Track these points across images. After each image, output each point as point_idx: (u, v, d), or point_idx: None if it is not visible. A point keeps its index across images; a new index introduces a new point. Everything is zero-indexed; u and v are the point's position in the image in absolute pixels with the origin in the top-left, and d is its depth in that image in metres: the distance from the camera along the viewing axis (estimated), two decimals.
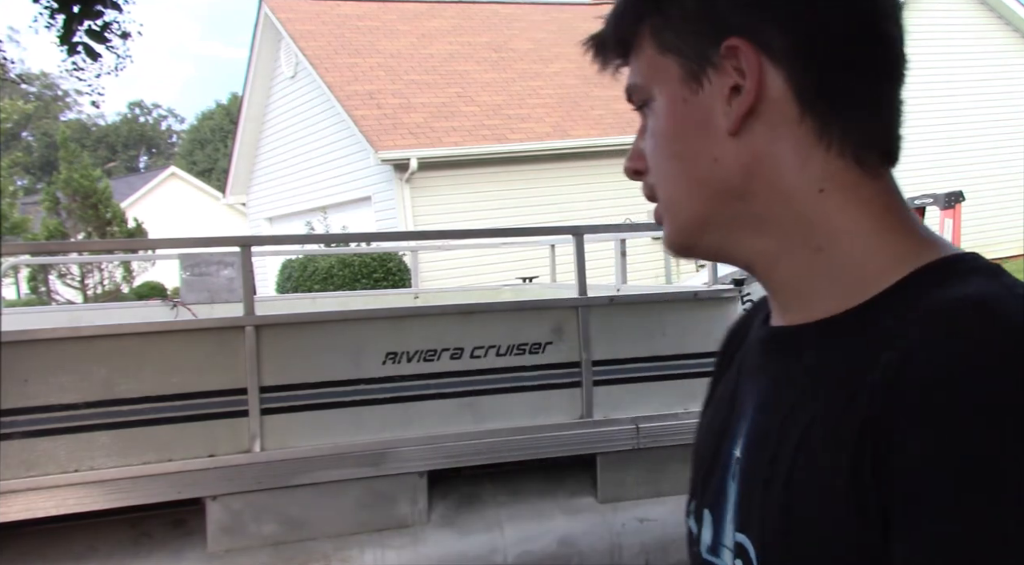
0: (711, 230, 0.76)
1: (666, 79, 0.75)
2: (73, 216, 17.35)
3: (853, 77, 0.72)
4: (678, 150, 0.75)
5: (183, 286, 3.47)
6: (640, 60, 0.77)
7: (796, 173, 0.72)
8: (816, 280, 0.72)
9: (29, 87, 43.73)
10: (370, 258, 12.10)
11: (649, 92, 0.77)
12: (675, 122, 0.75)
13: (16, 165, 34.82)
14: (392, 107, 14.03)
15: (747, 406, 0.78)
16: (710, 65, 0.72)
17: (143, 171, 47.06)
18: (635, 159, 0.80)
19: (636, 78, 0.78)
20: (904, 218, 0.74)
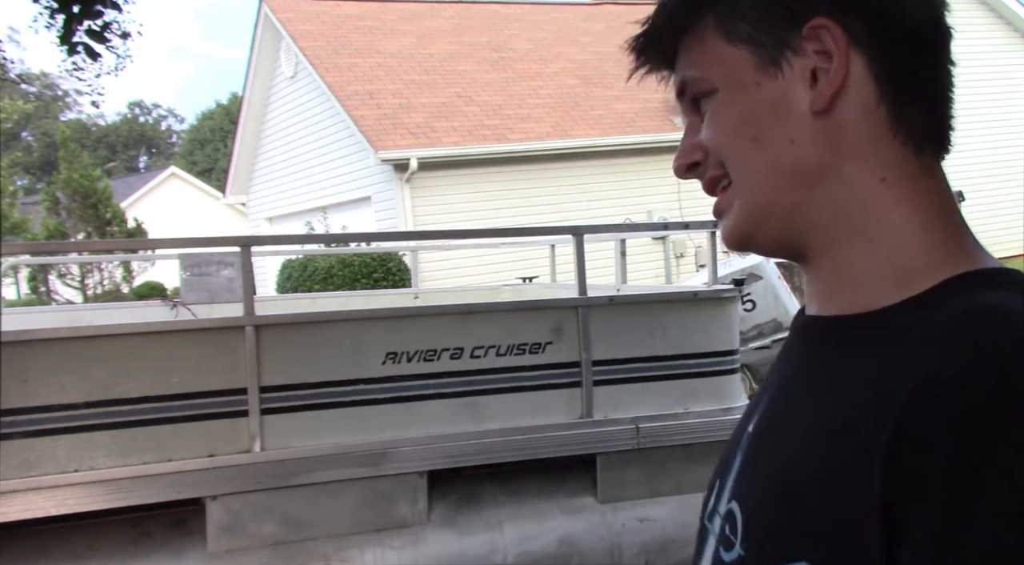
0: (776, 219, 0.75)
1: (737, 69, 0.74)
2: (73, 216, 17.35)
3: (924, 66, 0.74)
4: (751, 133, 0.74)
5: (183, 286, 3.47)
6: (699, 52, 0.76)
7: (865, 159, 0.72)
8: (861, 272, 0.73)
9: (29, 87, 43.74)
10: (370, 258, 12.10)
11: (712, 83, 0.76)
12: (749, 106, 0.74)
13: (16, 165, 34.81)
14: (392, 107, 14.03)
15: (771, 387, 0.82)
16: (789, 49, 0.72)
17: (143, 171, 47.07)
18: (690, 153, 0.79)
19: (693, 71, 0.77)
20: (954, 220, 0.74)
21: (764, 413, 0.80)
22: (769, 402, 0.80)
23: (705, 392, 3.43)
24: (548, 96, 15.15)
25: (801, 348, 0.80)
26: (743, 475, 0.79)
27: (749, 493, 0.76)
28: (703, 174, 0.79)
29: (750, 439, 0.80)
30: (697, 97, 0.78)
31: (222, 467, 2.92)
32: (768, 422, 0.79)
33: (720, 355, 3.48)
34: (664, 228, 5.96)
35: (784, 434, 0.74)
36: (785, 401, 0.78)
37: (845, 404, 0.67)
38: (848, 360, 0.71)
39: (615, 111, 14.87)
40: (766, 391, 0.83)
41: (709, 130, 0.77)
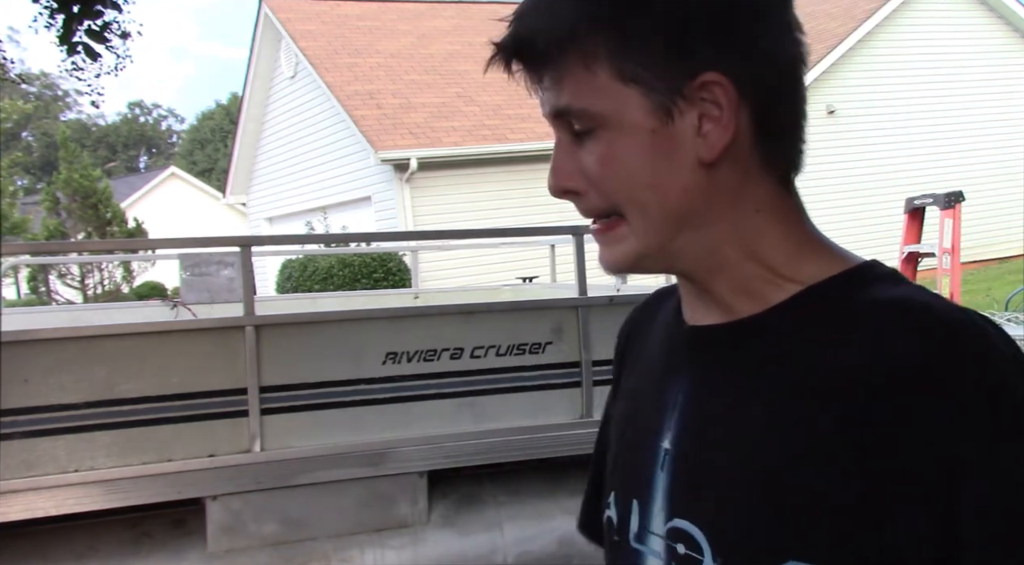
0: (663, 254, 0.79)
1: (628, 109, 0.74)
2: (73, 216, 17.35)
3: (790, 102, 0.78)
4: (649, 181, 0.75)
5: (183, 286, 3.47)
6: (586, 82, 0.75)
7: (744, 199, 0.77)
8: (748, 285, 0.78)
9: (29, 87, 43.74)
10: (370, 258, 12.10)
11: (601, 120, 0.75)
12: (643, 152, 0.75)
13: (16, 165, 34.82)
14: (392, 107, 14.03)
15: (673, 400, 0.82)
16: (680, 97, 0.74)
17: (143, 171, 47.08)
18: (570, 178, 0.78)
19: (580, 101, 0.75)
20: (813, 230, 0.81)
21: (681, 426, 0.80)
22: (684, 414, 0.80)
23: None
24: None
25: (709, 356, 0.80)
26: (682, 492, 0.78)
27: (704, 507, 0.75)
28: (584, 205, 0.79)
29: (675, 455, 0.80)
30: (583, 129, 0.76)
31: (222, 467, 2.92)
32: (694, 435, 0.79)
33: None
34: None
35: (734, 441, 0.74)
36: (712, 408, 0.78)
37: (799, 396, 0.71)
38: (774, 357, 0.75)
39: None
40: (668, 403, 0.82)
41: (600, 169, 0.76)
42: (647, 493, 0.82)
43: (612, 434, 0.94)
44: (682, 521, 0.77)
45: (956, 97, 15.77)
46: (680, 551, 0.76)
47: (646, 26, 0.73)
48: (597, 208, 0.78)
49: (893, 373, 0.66)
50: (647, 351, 0.91)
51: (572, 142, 0.78)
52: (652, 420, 0.83)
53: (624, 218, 0.77)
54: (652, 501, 0.81)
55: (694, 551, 0.75)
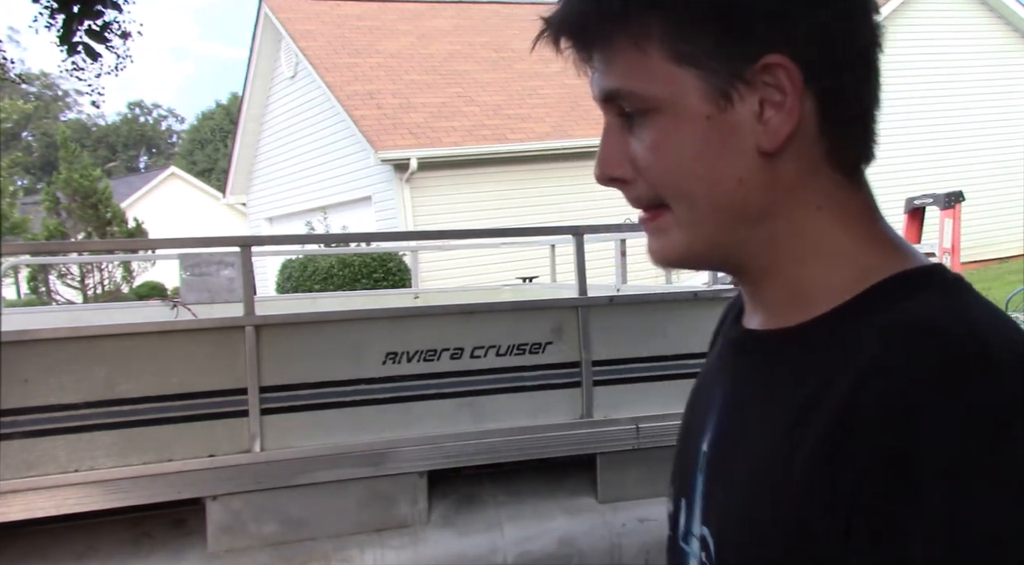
0: (715, 249, 0.75)
1: (682, 93, 0.70)
2: (73, 216, 17.36)
3: (862, 91, 0.72)
4: (701, 172, 0.71)
5: (183, 286, 3.47)
6: (639, 64, 0.71)
7: (805, 193, 0.72)
8: (797, 290, 0.74)
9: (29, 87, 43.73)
10: (370, 258, 12.10)
11: (654, 103, 0.71)
12: (698, 140, 0.70)
13: (16, 165, 34.81)
14: (392, 107, 14.03)
15: (716, 402, 0.80)
16: (741, 81, 0.69)
17: (143, 171, 47.08)
18: (617, 165, 0.74)
19: (631, 83, 0.71)
20: (881, 228, 0.75)
21: (717, 430, 0.79)
22: (720, 417, 0.79)
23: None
24: (548, 96, 15.16)
25: (747, 361, 0.79)
26: (708, 498, 0.78)
27: (714, 519, 0.75)
28: (632, 194, 0.75)
29: (707, 459, 0.79)
30: (632, 111, 0.72)
31: (222, 467, 2.92)
32: (722, 440, 0.78)
33: None
34: None
35: (739, 454, 0.73)
36: (731, 420, 0.77)
37: (787, 418, 0.68)
38: (787, 373, 0.72)
39: None
40: (712, 404, 0.81)
41: (649, 156, 0.72)
42: (691, 494, 0.81)
43: (680, 429, 0.92)
44: (704, 528, 0.76)
45: (956, 97, 15.78)
46: (703, 559, 0.76)
47: (705, 4, 0.68)
48: (645, 198, 0.74)
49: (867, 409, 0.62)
50: (717, 346, 0.90)
51: (622, 127, 0.74)
52: (698, 420, 0.83)
53: (669, 208, 0.73)
54: (694, 503, 0.80)
55: (709, 561, 0.74)
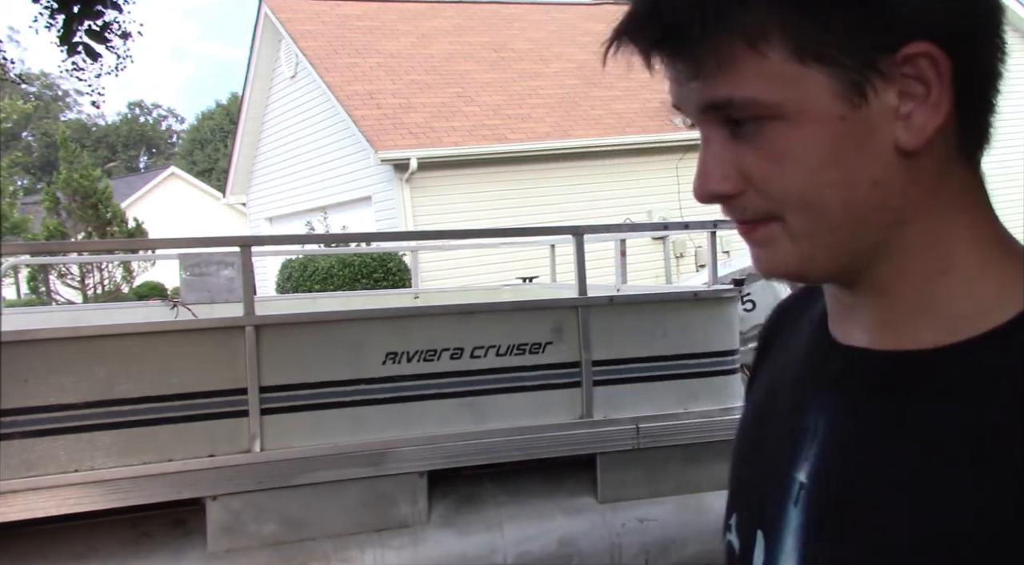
0: (836, 258, 0.66)
1: (810, 94, 0.62)
2: (73, 216, 17.35)
3: (993, 82, 0.67)
4: (834, 178, 0.63)
5: (183, 286, 3.47)
6: (753, 66, 0.62)
7: (940, 190, 0.65)
8: (931, 306, 0.65)
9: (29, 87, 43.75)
10: (370, 258, 12.10)
11: (776, 110, 0.62)
12: (831, 145, 0.62)
13: (16, 165, 34.81)
14: (392, 107, 14.03)
15: (816, 426, 0.70)
16: (876, 73, 0.61)
17: (143, 171, 47.07)
18: (723, 181, 0.66)
19: (746, 91, 0.62)
20: (1003, 230, 0.69)
21: (825, 462, 0.69)
22: (826, 452, 0.69)
23: (705, 392, 3.43)
24: (548, 96, 15.16)
25: (858, 385, 0.68)
26: (822, 536, 0.67)
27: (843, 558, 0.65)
28: (738, 207, 0.66)
29: (809, 493, 0.69)
30: (746, 119, 0.64)
31: (222, 467, 2.92)
32: (833, 478, 0.68)
33: (720, 355, 3.48)
34: (664, 228, 5.98)
35: (876, 497, 0.63)
36: (849, 457, 0.67)
37: (948, 459, 0.60)
38: (937, 403, 0.62)
39: (615, 111, 14.87)
40: (808, 428, 0.71)
41: (772, 168, 0.63)
42: (776, 527, 0.71)
43: (737, 439, 0.83)
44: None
45: None
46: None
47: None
48: (753, 210, 0.66)
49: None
50: (791, 352, 0.80)
51: (728, 139, 0.65)
52: (785, 444, 0.73)
53: (778, 219, 0.65)
54: (782, 538, 0.71)
55: None
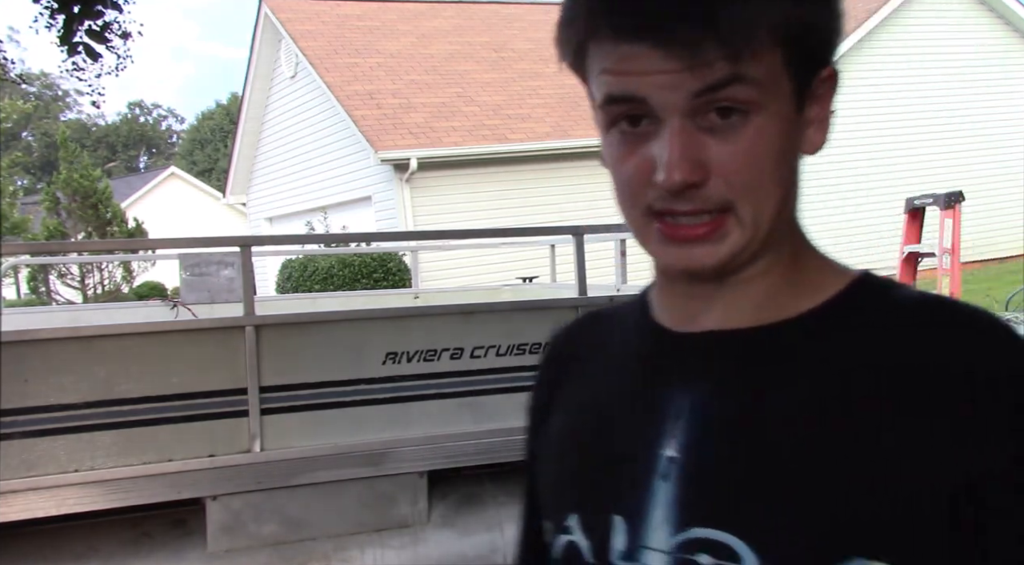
0: (755, 250, 0.75)
1: (783, 96, 0.72)
2: (73, 216, 17.35)
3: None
4: (783, 174, 0.74)
5: (183, 286, 3.47)
6: (759, 58, 0.69)
7: (798, 194, 0.79)
8: (794, 283, 0.78)
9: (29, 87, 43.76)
10: (370, 258, 12.10)
11: (762, 101, 0.71)
12: (782, 144, 0.73)
13: (16, 165, 34.83)
14: (392, 107, 14.03)
15: (678, 408, 0.77)
16: (810, 87, 0.74)
17: (143, 171, 47.07)
18: (700, 168, 0.71)
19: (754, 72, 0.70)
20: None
21: (699, 435, 0.75)
22: (701, 423, 0.75)
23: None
24: (548, 96, 15.15)
25: (734, 362, 0.76)
26: (704, 501, 0.73)
27: (746, 515, 0.71)
28: (700, 197, 0.72)
29: (686, 463, 0.75)
30: (727, 104, 0.70)
31: (222, 467, 2.92)
32: (729, 442, 0.74)
33: None
34: None
35: (785, 448, 0.71)
36: (755, 416, 0.73)
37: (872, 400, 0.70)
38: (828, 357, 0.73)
39: None
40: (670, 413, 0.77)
41: (742, 159, 0.71)
42: (639, 506, 0.76)
43: (552, 454, 0.87)
44: (708, 530, 0.72)
45: (956, 97, 15.78)
46: (704, 562, 0.71)
47: (822, 10, 0.73)
48: (714, 201, 0.72)
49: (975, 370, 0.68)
50: (604, 368, 0.86)
51: (695, 131, 0.71)
52: (641, 430, 0.78)
53: (731, 212, 0.73)
54: (648, 514, 0.75)
55: (728, 560, 0.70)
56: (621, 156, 0.74)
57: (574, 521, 0.80)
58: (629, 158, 0.73)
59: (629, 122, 0.73)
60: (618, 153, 0.74)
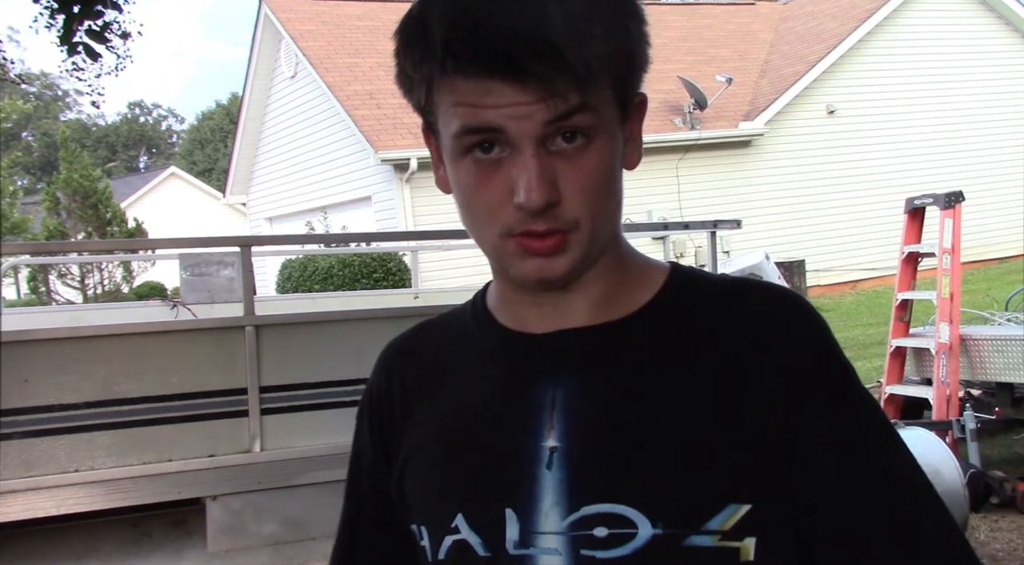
0: (590, 263, 0.83)
1: (611, 118, 0.80)
2: (73, 216, 17.36)
3: None
4: (612, 189, 0.82)
5: (183, 286, 3.47)
6: (597, 91, 0.78)
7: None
8: (621, 288, 0.87)
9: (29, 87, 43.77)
10: (370, 258, 12.10)
11: (597, 126, 0.79)
12: (615, 161, 0.81)
13: (16, 165, 34.84)
14: (392, 107, 14.02)
15: (548, 401, 0.84)
16: (627, 111, 0.83)
17: (143, 171, 47.06)
18: (554, 190, 0.78)
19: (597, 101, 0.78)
20: None
21: (575, 422, 0.82)
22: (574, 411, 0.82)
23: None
24: None
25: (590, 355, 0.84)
26: (592, 480, 0.80)
27: (633, 485, 0.78)
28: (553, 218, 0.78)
29: (568, 449, 0.81)
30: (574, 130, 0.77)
31: (222, 467, 2.92)
32: (603, 425, 0.81)
33: None
34: (664, 228, 5.98)
35: (653, 421, 0.81)
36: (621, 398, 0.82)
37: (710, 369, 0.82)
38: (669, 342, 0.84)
39: None
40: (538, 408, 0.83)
41: (590, 178, 0.79)
42: (528, 494, 0.81)
43: (424, 460, 0.89)
44: (599, 506, 0.79)
45: (956, 97, 15.77)
46: (600, 534, 0.78)
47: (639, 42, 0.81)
48: (563, 220, 0.79)
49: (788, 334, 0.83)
50: (463, 374, 0.90)
51: (546, 156, 0.77)
52: (516, 426, 0.83)
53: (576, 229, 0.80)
54: (537, 502, 0.81)
55: (622, 527, 0.78)
56: (477, 183, 0.80)
57: (460, 521, 0.84)
58: (487, 184, 0.79)
59: (482, 150, 0.79)
60: (474, 180, 0.80)
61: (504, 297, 0.91)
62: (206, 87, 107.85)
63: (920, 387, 5.60)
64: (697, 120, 14.01)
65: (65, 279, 16.48)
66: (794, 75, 14.63)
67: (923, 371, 5.62)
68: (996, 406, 5.33)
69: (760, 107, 14.36)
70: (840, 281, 14.14)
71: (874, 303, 12.26)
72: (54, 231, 17.10)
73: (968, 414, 4.96)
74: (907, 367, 5.79)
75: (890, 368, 5.79)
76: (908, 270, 6.09)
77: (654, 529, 0.77)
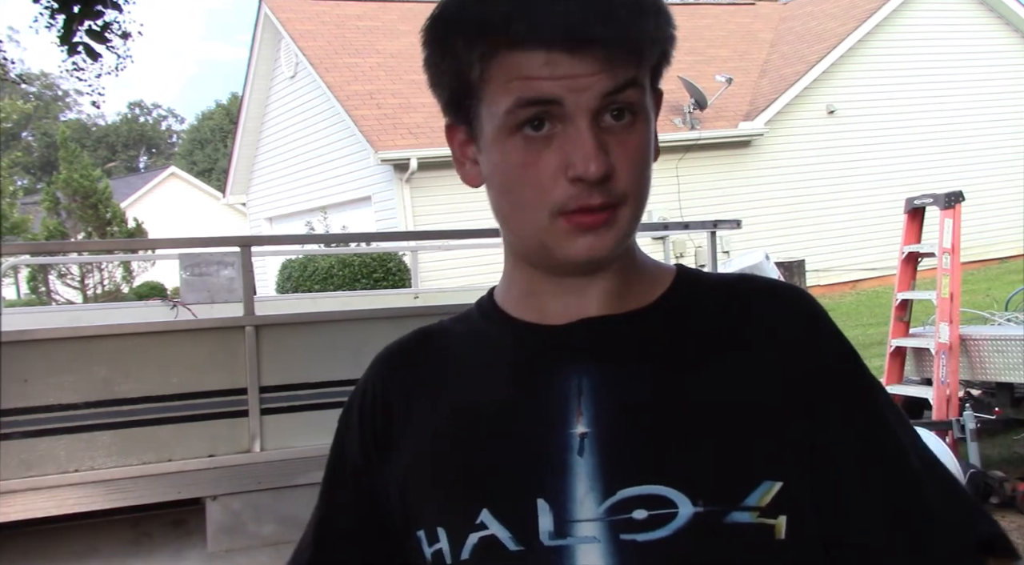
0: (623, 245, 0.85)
1: (650, 103, 0.83)
2: (73, 216, 17.36)
3: None
4: (649, 172, 0.84)
5: (183, 286, 3.47)
6: (643, 75, 0.81)
7: None
8: (638, 277, 0.89)
9: (29, 87, 43.76)
10: (370, 258, 12.09)
11: (643, 106, 0.82)
12: (651, 143, 0.84)
13: (16, 165, 34.84)
14: (392, 107, 14.02)
15: (574, 389, 0.84)
16: (655, 99, 0.85)
17: (143, 171, 47.04)
18: (610, 164, 0.80)
19: (638, 84, 0.80)
20: None
21: (604, 408, 0.82)
22: (602, 398, 0.83)
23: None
24: None
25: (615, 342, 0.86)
26: (627, 463, 0.80)
27: (672, 465, 0.79)
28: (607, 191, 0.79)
29: (599, 435, 0.81)
30: (623, 106, 0.79)
31: (222, 467, 2.92)
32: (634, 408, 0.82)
33: None
34: (664, 228, 5.98)
35: (686, 403, 0.82)
36: (650, 383, 0.83)
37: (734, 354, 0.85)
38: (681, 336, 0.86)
39: None
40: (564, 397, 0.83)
41: (636, 156, 0.81)
42: (561, 484, 0.80)
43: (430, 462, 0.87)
44: (639, 487, 0.78)
45: (956, 97, 15.76)
46: (640, 517, 0.77)
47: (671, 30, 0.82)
48: (616, 193, 0.80)
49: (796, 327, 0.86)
50: (474, 372, 0.90)
51: (599, 132, 0.79)
52: (541, 415, 0.83)
53: (623, 205, 0.81)
54: (571, 489, 0.79)
55: (663, 508, 0.77)
56: (528, 160, 0.79)
57: (486, 515, 0.81)
58: (537, 161, 0.79)
59: (532, 127, 0.78)
60: (525, 157, 0.79)
61: (530, 289, 0.90)
62: (206, 87, 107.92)
63: (920, 387, 5.60)
64: (697, 120, 14.00)
65: (65, 279, 16.48)
66: (794, 75, 14.63)
67: (923, 371, 5.62)
68: (996, 406, 5.33)
69: (760, 107, 14.36)
70: (840, 281, 14.14)
71: (874, 303, 12.26)
72: (54, 231, 17.10)
73: (968, 414, 4.96)
74: (907, 367, 5.79)
75: (890, 368, 5.79)
76: (908, 270, 6.09)
77: (695, 507, 0.77)
